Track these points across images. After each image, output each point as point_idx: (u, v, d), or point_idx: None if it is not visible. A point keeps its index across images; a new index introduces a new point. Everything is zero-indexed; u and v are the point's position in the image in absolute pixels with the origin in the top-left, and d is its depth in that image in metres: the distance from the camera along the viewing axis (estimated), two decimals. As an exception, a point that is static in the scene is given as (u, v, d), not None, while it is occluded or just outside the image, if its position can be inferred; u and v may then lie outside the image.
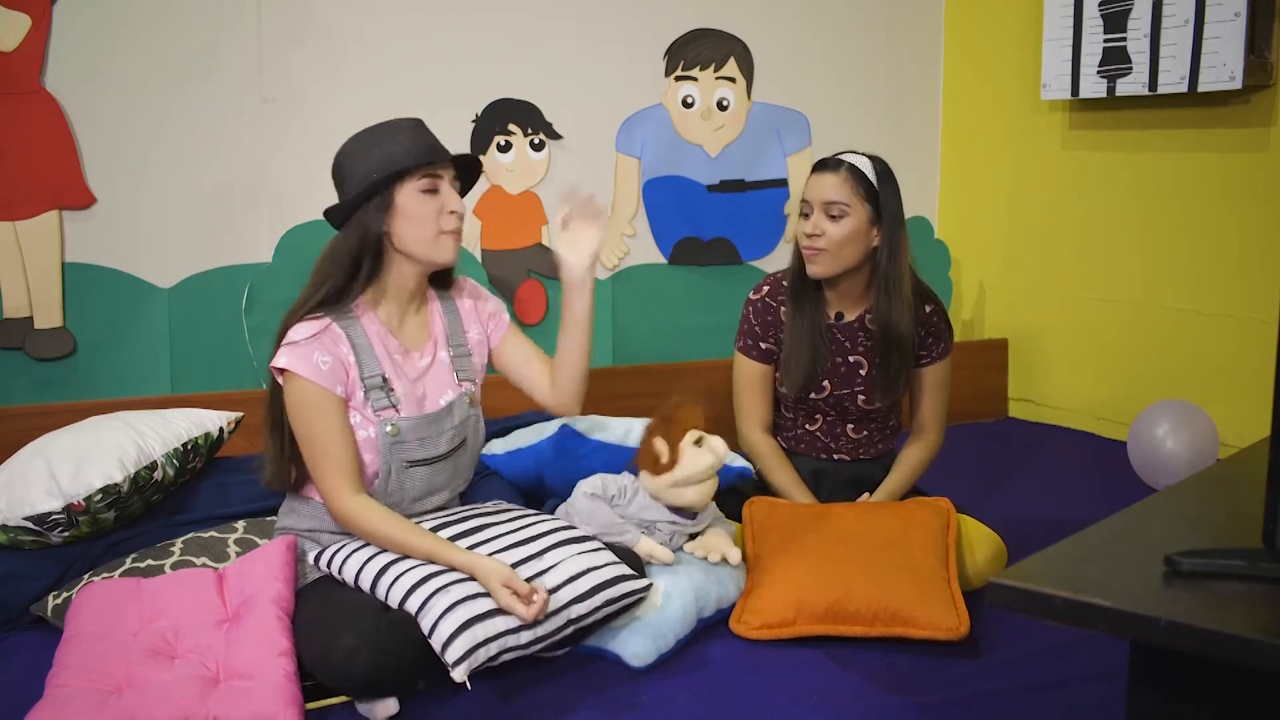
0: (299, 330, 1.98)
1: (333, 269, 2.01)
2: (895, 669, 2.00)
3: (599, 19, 3.41)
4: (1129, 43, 3.26)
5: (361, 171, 1.98)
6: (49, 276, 2.81)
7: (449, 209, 2.02)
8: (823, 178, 2.42)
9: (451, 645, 1.77)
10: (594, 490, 2.22)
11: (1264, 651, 1.01)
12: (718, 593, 2.18)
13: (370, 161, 1.98)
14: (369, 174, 1.97)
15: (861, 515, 2.35)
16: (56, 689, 1.77)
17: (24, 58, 2.74)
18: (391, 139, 2.00)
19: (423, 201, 2.00)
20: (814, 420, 2.55)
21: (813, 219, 2.41)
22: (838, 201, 2.39)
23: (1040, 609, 1.13)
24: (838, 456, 2.56)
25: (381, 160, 1.98)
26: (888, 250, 2.42)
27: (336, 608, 1.88)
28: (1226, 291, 3.25)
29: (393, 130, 2.02)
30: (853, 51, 3.82)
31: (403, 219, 2.00)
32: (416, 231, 2.00)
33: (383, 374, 2.02)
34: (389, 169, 1.97)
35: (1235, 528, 1.31)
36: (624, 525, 2.19)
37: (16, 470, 2.23)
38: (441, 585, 1.85)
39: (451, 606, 1.81)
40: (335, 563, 1.97)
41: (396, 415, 2.02)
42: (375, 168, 1.97)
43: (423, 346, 2.12)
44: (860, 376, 2.49)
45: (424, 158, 1.99)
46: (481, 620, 1.80)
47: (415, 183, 1.99)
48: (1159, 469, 2.99)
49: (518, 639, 1.84)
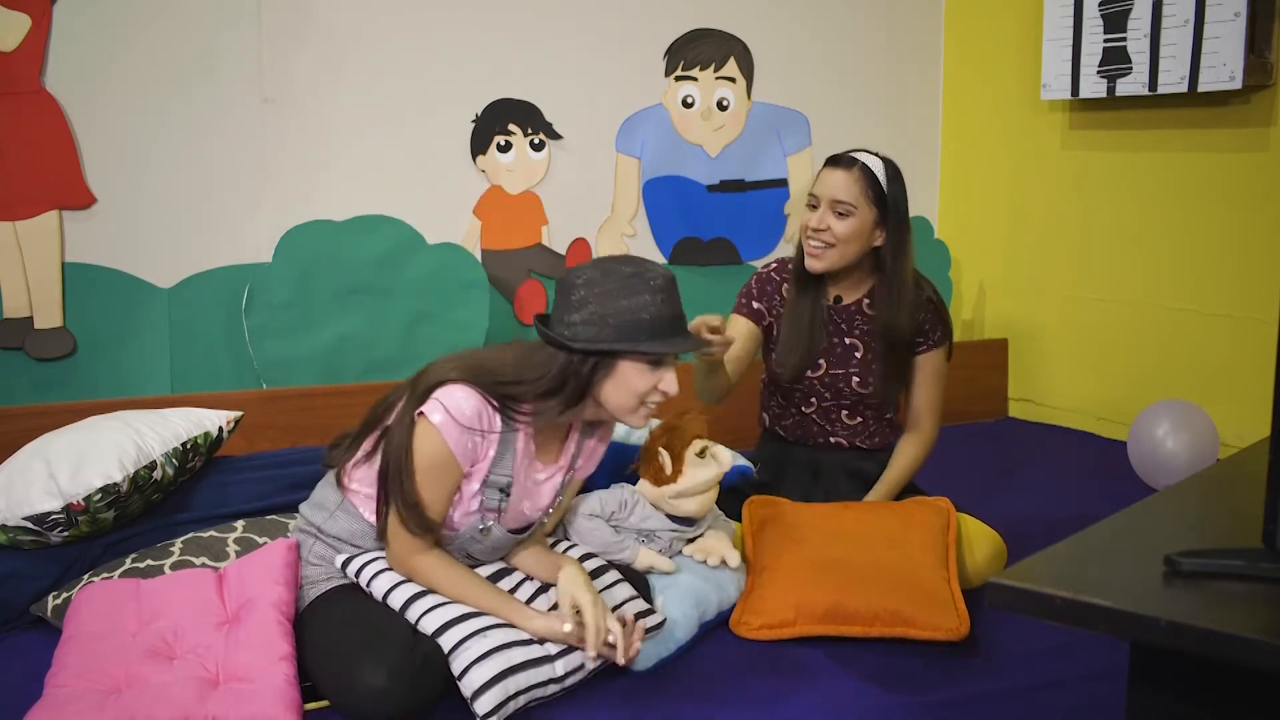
0: (466, 400, 1.86)
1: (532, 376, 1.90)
2: (895, 669, 2.00)
3: (599, 19, 3.41)
4: (1129, 43, 3.26)
5: (594, 315, 1.85)
6: (49, 276, 2.81)
7: (662, 388, 1.92)
8: (834, 174, 2.43)
9: (483, 696, 1.74)
10: (593, 510, 2.22)
11: (1264, 651, 1.01)
12: (718, 597, 2.18)
13: (608, 311, 1.85)
14: (604, 327, 1.85)
15: (861, 515, 2.35)
16: (56, 689, 1.77)
17: (24, 58, 2.74)
18: (641, 294, 1.86)
19: (643, 376, 1.90)
20: (809, 404, 2.55)
21: (819, 213, 2.42)
22: (846, 201, 2.40)
23: (1040, 609, 1.12)
24: (834, 440, 2.56)
25: (623, 321, 1.85)
26: (892, 253, 2.43)
27: (362, 630, 1.83)
28: (1226, 291, 3.25)
29: (641, 280, 1.87)
30: (853, 51, 3.82)
31: (616, 384, 1.90)
32: (624, 399, 1.91)
33: (510, 479, 1.95)
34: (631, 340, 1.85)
35: (1235, 528, 1.31)
36: (622, 543, 2.19)
37: (16, 470, 2.22)
38: (480, 628, 1.81)
39: (487, 654, 1.77)
40: (365, 575, 1.93)
41: (496, 520, 1.97)
42: (614, 326, 1.85)
43: (549, 462, 2.06)
44: (855, 359, 2.50)
45: (672, 348, 1.88)
46: (514, 673, 1.77)
47: (647, 358, 1.89)
48: (1159, 469, 2.99)
49: (544, 691, 1.82)
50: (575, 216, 3.43)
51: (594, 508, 2.22)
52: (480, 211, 3.31)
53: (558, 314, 1.91)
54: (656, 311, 1.86)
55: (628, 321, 1.85)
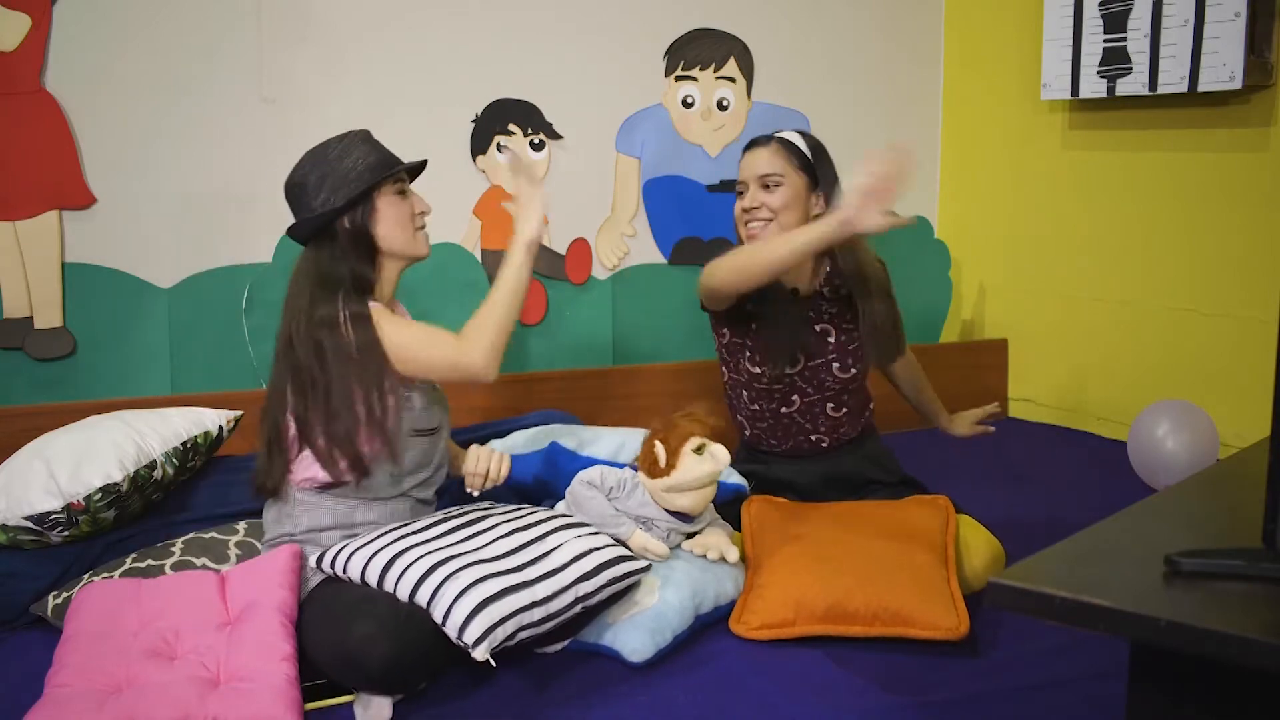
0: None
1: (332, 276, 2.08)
2: (895, 669, 2.00)
3: (599, 19, 3.41)
4: (1129, 43, 3.26)
5: (333, 184, 2.08)
6: (49, 276, 2.81)
7: (419, 209, 2.19)
8: (754, 154, 2.48)
9: (469, 627, 1.78)
10: (591, 480, 2.23)
11: (1264, 651, 1.01)
12: (716, 589, 2.18)
13: (343, 173, 2.08)
14: (347, 183, 2.08)
15: (860, 514, 2.35)
16: (56, 689, 1.77)
17: (24, 58, 2.74)
18: (352, 152, 2.11)
19: (399, 205, 2.14)
20: (790, 402, 2.55)
21: (749, 195, 2.45)
22: (772, 173, 2.43)
23: (1040, 609, 1.13)
24: (815, 437, 2.56)
25: (360, 170, 2.09)
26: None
27: (347, 600, 1.89)
28: (1226, 291, 3.25)
29: (349, 144, 2.12)
30: (853, 51, 3.82)
31: (386, 222, 2.12)
32: (399, 231, 2.14)
33: None
34: (373, 176, 2.09)
35: (1235, 528, 1.31)
36: (619, 518, 2.19)
37: (16, 470, 2.23)
38: (451, 572, 1.86)
39: (464, 591, 1.82)
40: (339, 562, 1.97)
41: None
42: (355, 177, 2.08)
43: None
44: (830, 344, 2.51)
45: (398, 165, 2.14)
46: (495, 600, 1.82)
47: (390, 188, 2.14)
48: (1159, 469, 2.99)
49: (530, 616, 1.85)
50: (575, 216, 3.43)
51: (593, 477, 2.23)
52: (480, 211, 3.31)
53: (303, 211, 2.11)
54: (377, 154, 2.13)
55: (361, 169, 2.09)
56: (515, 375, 3.24)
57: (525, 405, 2.99)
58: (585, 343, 3.46)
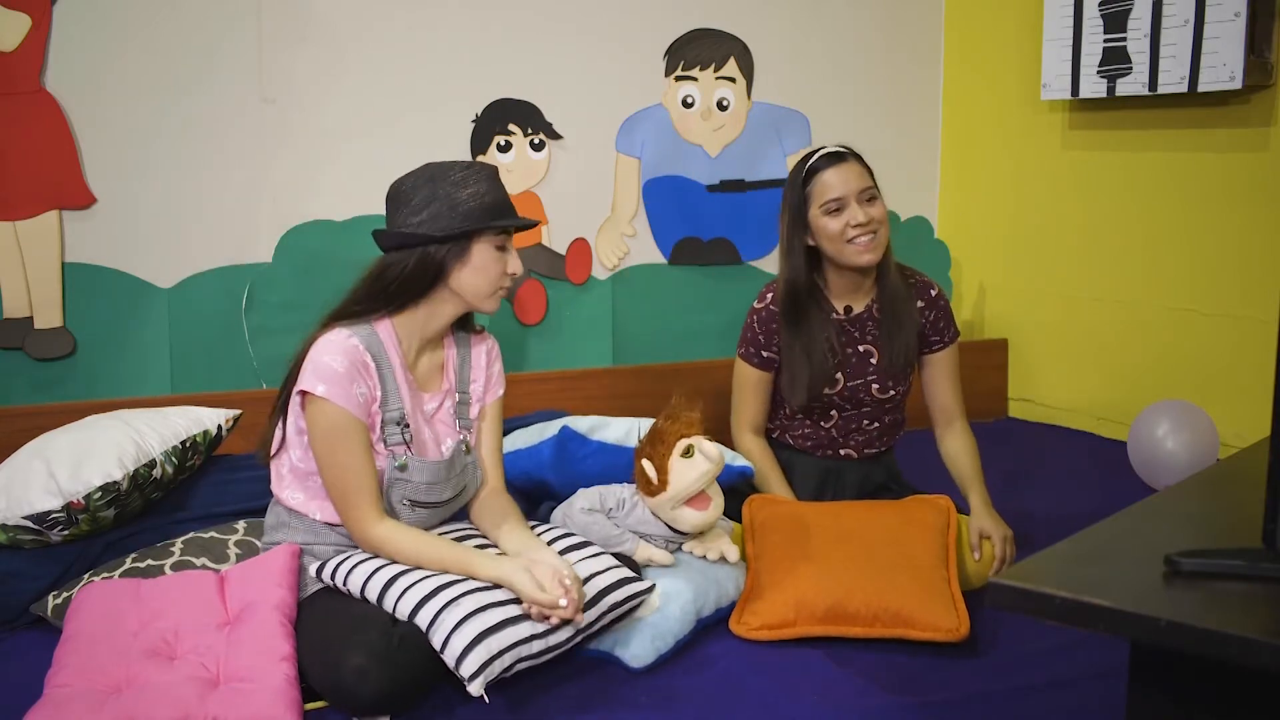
0: (334, 357, 1.96)
1: (379, 289, 2.02)
2: (895, 669, 2.00)
3: (599, 19, 3.41)
4: (1129, 43, 3.26)
5: (436, 210, 1.99)
6: (49, 276, 2.81)
7: (511, 270, 2.08)
8: (844, 168, 2.42)
9: (466, 659, 1.76)
10: (591, 505, 2.21)
11: (1264, 651, 1.01)
12: (716, 592, 2.18)
13: (452, 203, 1.99)
14: (454, 216, 1.99)
15: (861, 515, 2.35)
16: (56, 689, 1.77)
17: (24, 58, 2.74)
18: (471, 184, 2.01)
19: (494, 259, 2.04)
20: (829, 417, 2.55)
21: (851, 210, 2.40)
22: (870, 186, 2.43)
23: (1040, 609, 1.13)
24: (844, 452, 2.56)
25: (472, 208, 2.00)
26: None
27: (342, 621, 1.86)
28: (1226, 291, 3.25)
29: (472, 175, 2.02)
30: (853, 51, 3.82)
31: (472, 269, 2.03)
32: (480, 283, 2.04)
33: (404, 410, 2.03)
34: (480, 220, 2.00)
35: (1235, 528, 1.31)
36: (621, 536, 2.18)
37: (16, 470, 2.23)
38: (452, 598, 1.84)
39: (463, 620, 1.80)
40: (339, 575, 1.95)
41: (408, 453, 2.02)
42: (465, 213, 1.99)
43: (434, 390, 2.12)
44: (872, 365, 2.50)
45: (511, 219, 2.05)
46: (494, 632, 1.80)
47: (493, 238, 2.04)
48: (1159, 469, 2.99)
49: (529, 649, 1.84)
50: (575, 216, 3.43)
51: (592, 502, 2.22)
52: (480, 211, 3.31)
53: (397, 221, 2.02)
54: (495, 196, 2.03)
55: (474, 207, 2.00)
56: (515, 375, 3.23)
57: (525, 405, 2.99)
58: (585, 343, 3.46)
